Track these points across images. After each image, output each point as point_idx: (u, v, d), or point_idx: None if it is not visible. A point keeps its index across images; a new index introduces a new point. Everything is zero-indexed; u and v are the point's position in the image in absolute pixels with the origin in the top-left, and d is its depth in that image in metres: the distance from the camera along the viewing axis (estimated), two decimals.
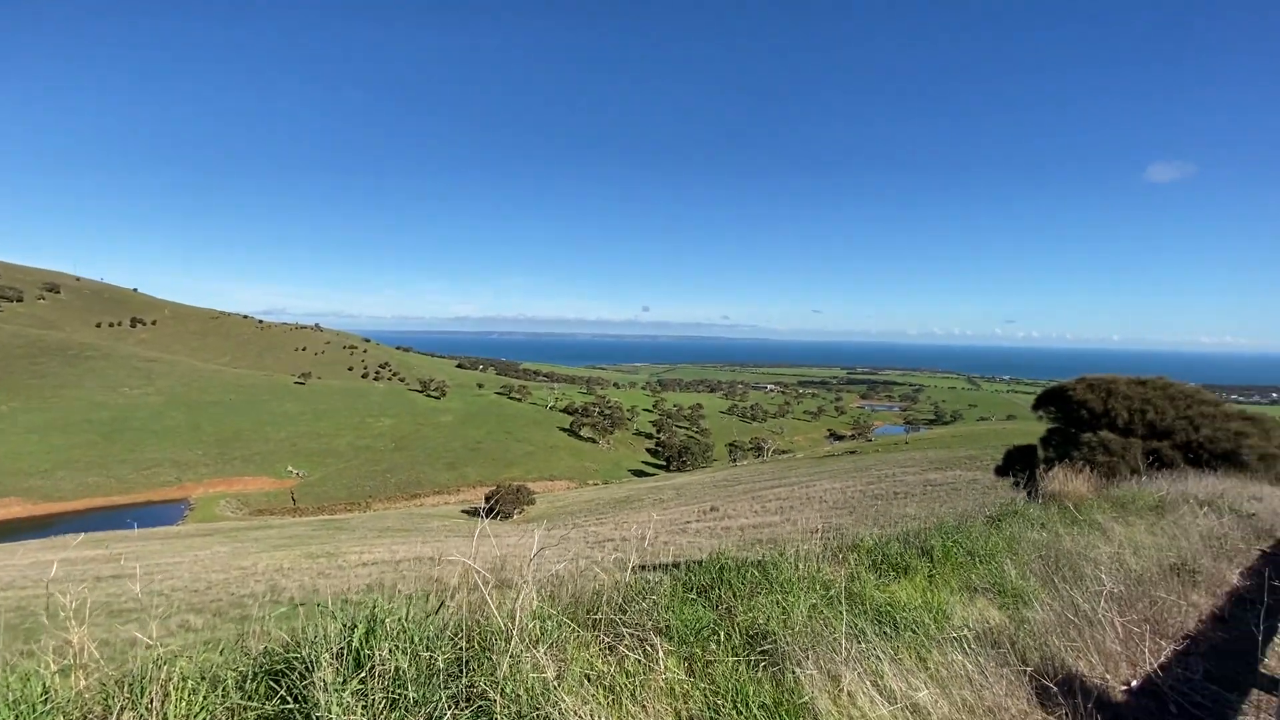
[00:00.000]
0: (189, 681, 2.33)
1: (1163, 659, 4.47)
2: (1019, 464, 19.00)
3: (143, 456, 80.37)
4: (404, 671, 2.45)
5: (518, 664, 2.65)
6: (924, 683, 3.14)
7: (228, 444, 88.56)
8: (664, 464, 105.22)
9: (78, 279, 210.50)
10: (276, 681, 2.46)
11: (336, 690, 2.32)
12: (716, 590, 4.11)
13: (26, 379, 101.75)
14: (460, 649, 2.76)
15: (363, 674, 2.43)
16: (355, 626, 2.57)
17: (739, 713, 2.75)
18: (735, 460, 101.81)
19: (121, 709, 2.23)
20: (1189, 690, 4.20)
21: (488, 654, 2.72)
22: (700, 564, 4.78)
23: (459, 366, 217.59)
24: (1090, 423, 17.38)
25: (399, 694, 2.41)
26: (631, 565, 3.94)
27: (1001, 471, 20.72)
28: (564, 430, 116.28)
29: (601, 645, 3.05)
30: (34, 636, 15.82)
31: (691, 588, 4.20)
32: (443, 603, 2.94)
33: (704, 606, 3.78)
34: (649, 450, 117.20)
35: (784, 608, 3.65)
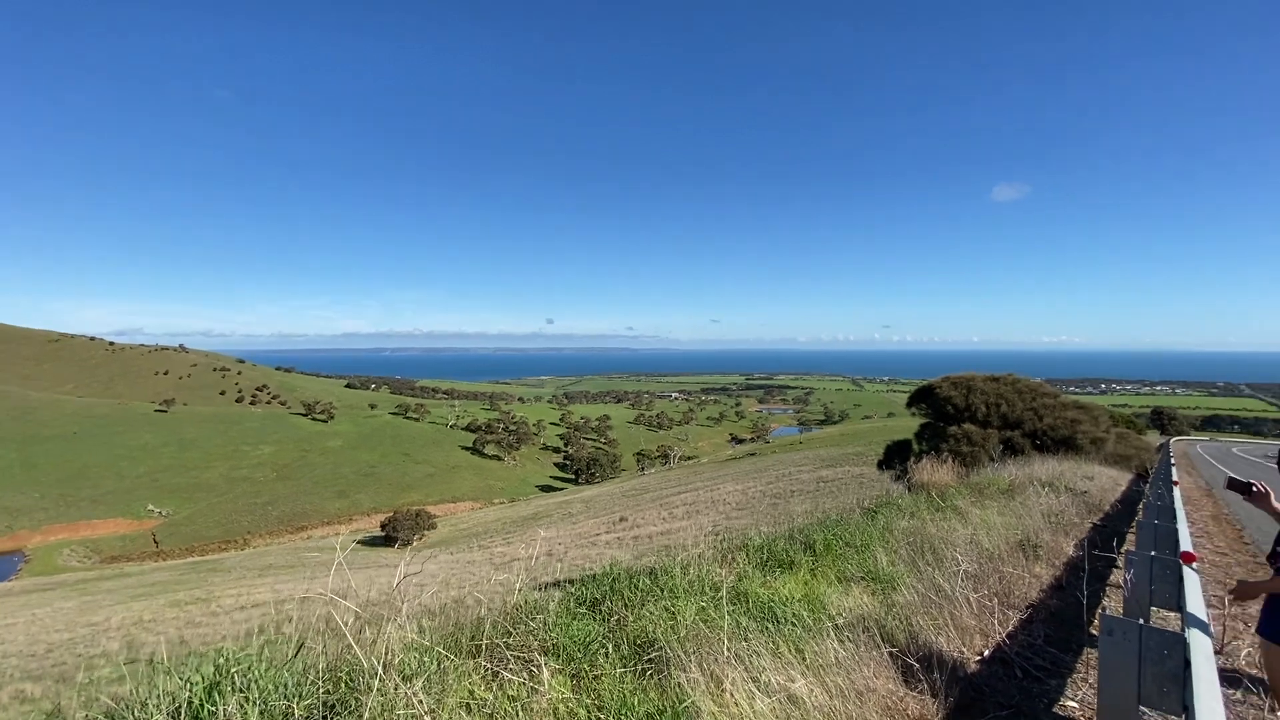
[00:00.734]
0: None
1: (1010, 628, 4.98)
2: (897, 457, 20.59)
3: None
4: None
5: (390, 703, 2.50)
6: (801, 673, 3.29)
7: (72, 483, 77.72)
8: (573, 477, 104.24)
9: None
10: None
11: None
12: (608, 602, 4.11)
13: None
14: (325, 694, 2.56)
15: None
16: (196, 680, 2.32)
17: None
18: (644, 469, 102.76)
19: None
20: (1032, 654, 4.69)
21: (356, 695, 2.54)
22: (594, 578, 4.76)
23: (348, 386, 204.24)
24: (955, 417, 19.17)
25: None
26: (519, 585, 3.85)
27: (882, 465, 22.36)
28: (466, 449, 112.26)
29: (484, 672, 2.95)
30: None
31: (583, 602, 4.17)
32: (302, 644, 2.71)
33: (594, 620, 3.76)
34: (557, 464, 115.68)
35: (672, 613, 3.71)
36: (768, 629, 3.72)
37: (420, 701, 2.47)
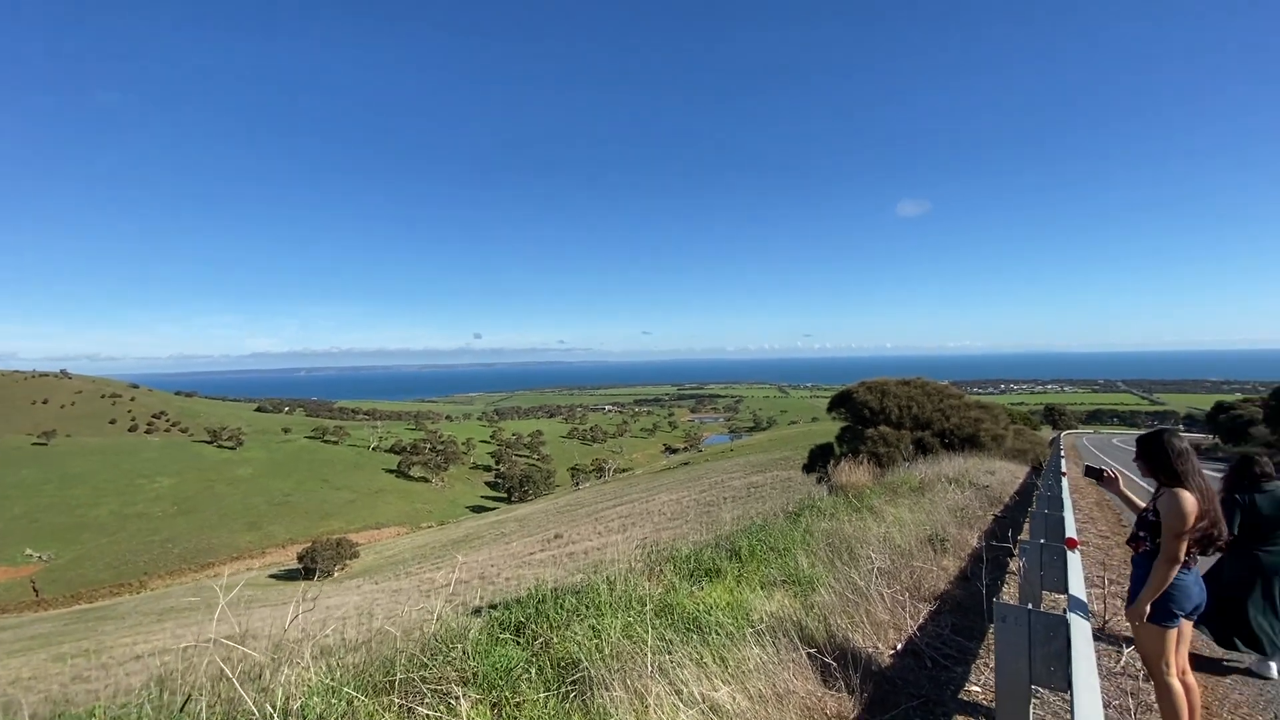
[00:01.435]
0: None
1: (921, 620, 5.26)
2: (820, 461, 21.41)
3: None
4: None
5: None
6: (724, 681, 3.35)
7: None
8: (505, 496, 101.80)
9: None
10: None
11: None
12: (533, 625, 4.03)
13: None
14: None
15: None
16: None
17: None
18: (578, 484, 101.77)
19: None
20: (941, 644, 4.97)
21: None
22: (519, 600, 4.67)
23: (259, 410, 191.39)
24: (872, 420, 20.15)
25: None
26: (438, 614, 3.72)
27: (808, 469, 23.17)
28: (391, 472, 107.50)
29: (397, 710, 2.82)
30: None
31: (507, 626, 4.07)
32: (190, 696, 2.51)
33: (517, 645, 3.68)
34: (488, 483, 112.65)
35: (597, 632, 3.68)
36: (692, 640, 3.76)
37: None
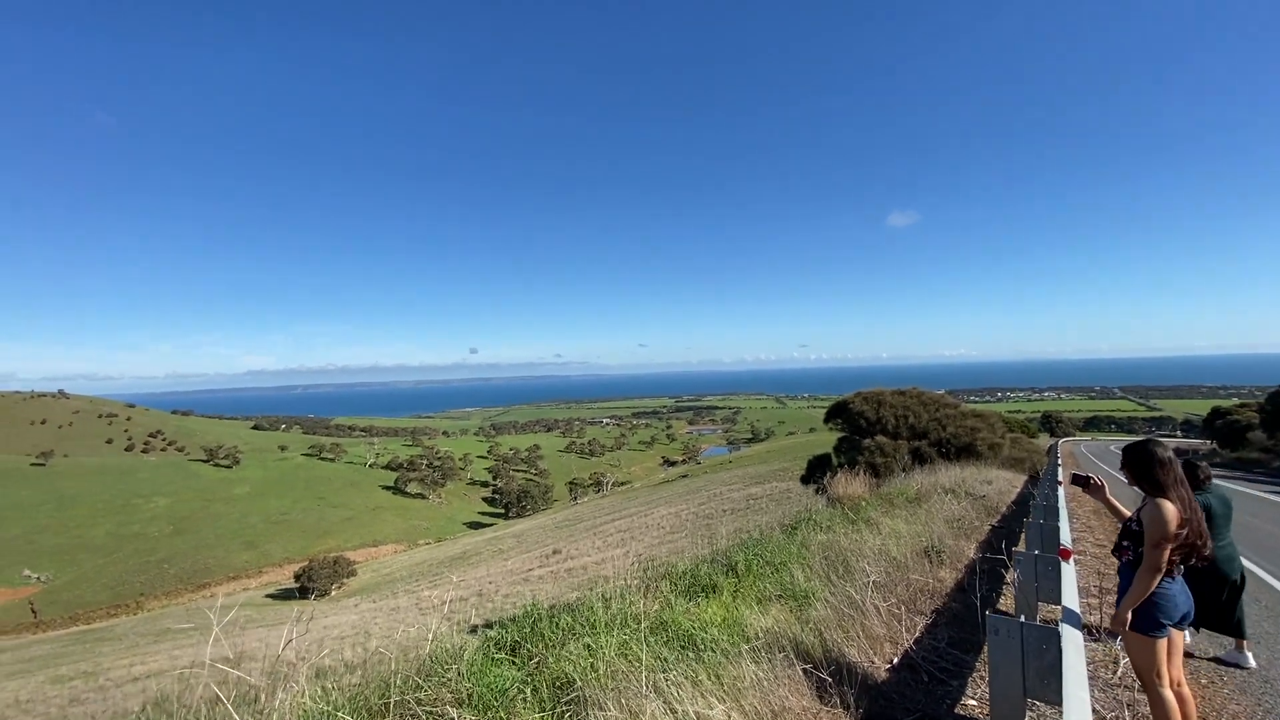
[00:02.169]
0: None
1: (917, 633, 5.26)
2: (818, 472, 21.39)
3: None
4: None
5: None
6: (719, 699, 3.36)
7: None
8: (503, 511, 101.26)
9: None
10: None
11: None
12: (528, 644, 4.04)
13: None
14: None
15: None
16: None
17: None
18: (576, 498, 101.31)
19: None
20: (937, 658, 4.97)
21: None
22: (515, 619, 4.67)
23: (255, 428, 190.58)
24: (868, 430, 20.18)
25: None
26: (433, 634, 3.73)
27: (805, 480, 23.14)
28: (388, 488, 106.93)
29: None
30: None
31: (503, 646, 4.08)
32: None
33: (513, 665, 3.69)
34: (486, 499, 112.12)
35: (591, 651, 3.69)
36: (688, 657, 3.77)
37: None
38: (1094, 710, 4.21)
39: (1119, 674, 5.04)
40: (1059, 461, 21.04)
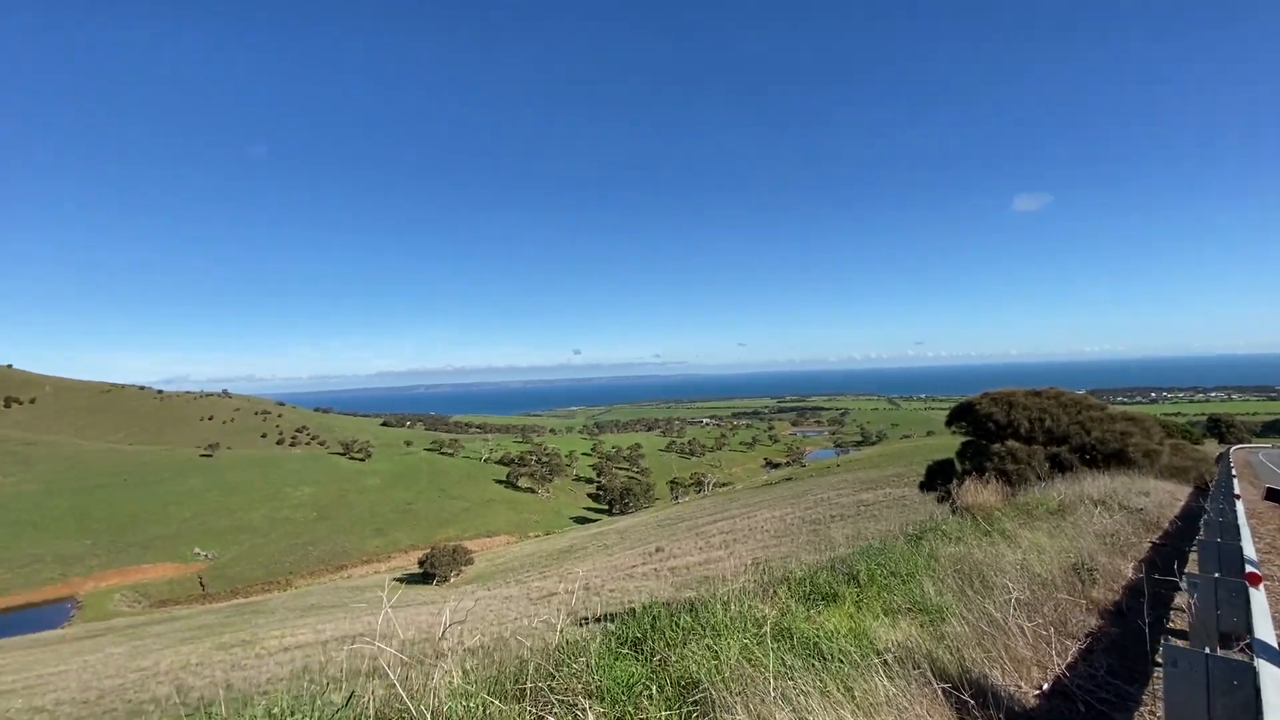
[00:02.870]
0: None
1: (1069, 659, 4.77)
2: (939, 478, 20.03)
3: (19, 553, 71.36)
4: None
5: None
6: (851, 713, 3.21)
7: (122, 530, 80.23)
8: (606, 508, 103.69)
9: None
10: None
11: None
12: (650, 641, 4.07)
13: None
14: None
15: None
16: None
17: None
18: (677, 497, 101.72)
19: None
20: (1095, 687, 4.48)
21: None
22: (633, 615, 4.73)
23: (384, 425, 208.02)
24: (997, 434, 18.62)
25: None
26: (560, 625, 3.85)
27: (925, 487, 21.74)
28: (500, 483, 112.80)
29: (529, 718, 2.95)
30: None
31: (625, 641, 4.14)
32: (353, 693, 2.77)
33: (636, 660, 3.73)
34: (590, 495, 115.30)
35: (715, 652, 3.66)
36: (814, 666, 3.64)
37: None
38: None
39: None
40: (1233, 472, 18.33)
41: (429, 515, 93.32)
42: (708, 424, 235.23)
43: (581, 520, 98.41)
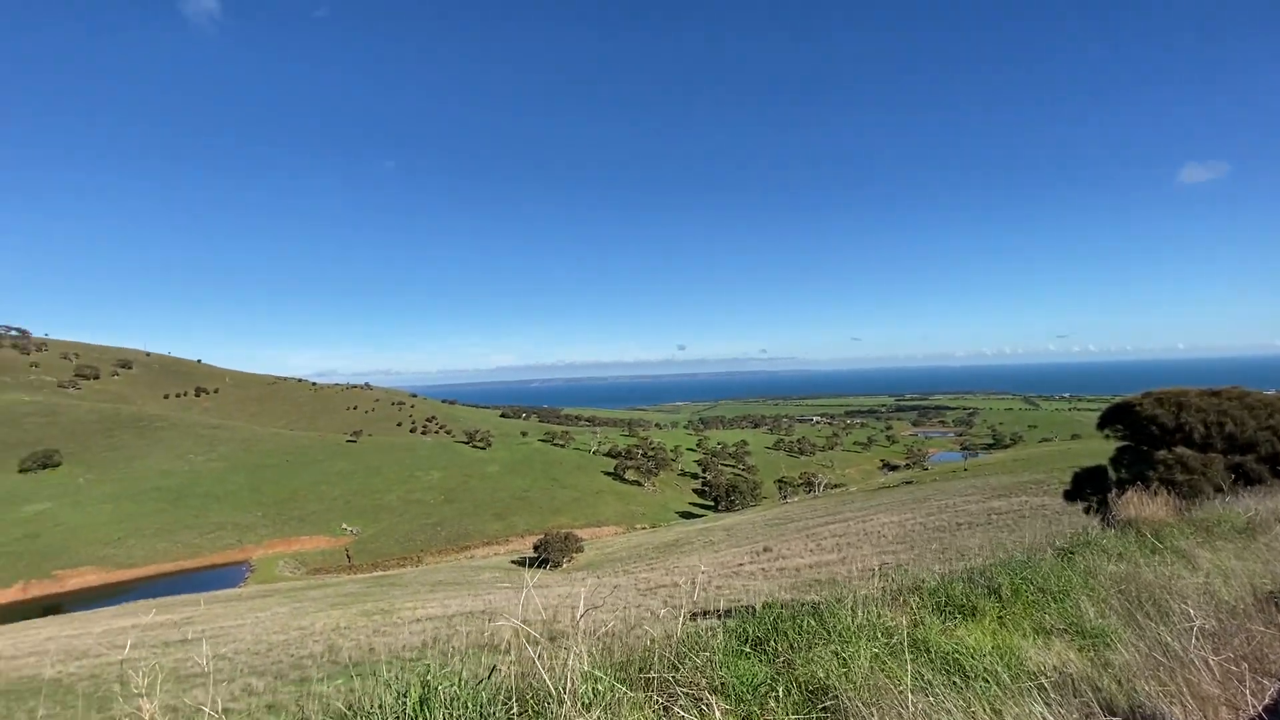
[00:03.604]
0: None
1: (1267, 700, 4.08)
2: (1089, 487, 17.96)
3: (206, 521, 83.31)
4: None
5: None
6: None
7: (285, 505, 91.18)
8: (712, 504, 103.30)
9: (147, 354, 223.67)
10: None
11: None
12: (772, 641, 3.97)
13: (102, 451, 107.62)
14: (513, 714, 2.73)
15: None
16: (409, 694, 2.58)
17: None
18: (786, 497, 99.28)
19: None
20: None
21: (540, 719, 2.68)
22: (753, 613, 4.64)
23: (502, 416, 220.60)
24: (1162, 439, 16.38)
25: None
26: (683, 618, 3.85)
27: (1071, 496, 19.60)
28: (608, 474, 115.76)
29: (655, 707, 2.98)
30: (107, 705, 16.31)
31: (745, 639, 4.07)
32: (494, 667, 2.93)
33: (759, 660, 3.66)
34: (695, 491, 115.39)
35: (843, 659, 3.50)
36: (955, 685, 3.38)
37: None
38: None
39: None
40: None
41: (542, 503, 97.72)
42: (818, 422, 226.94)
43: (686, 515, 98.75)
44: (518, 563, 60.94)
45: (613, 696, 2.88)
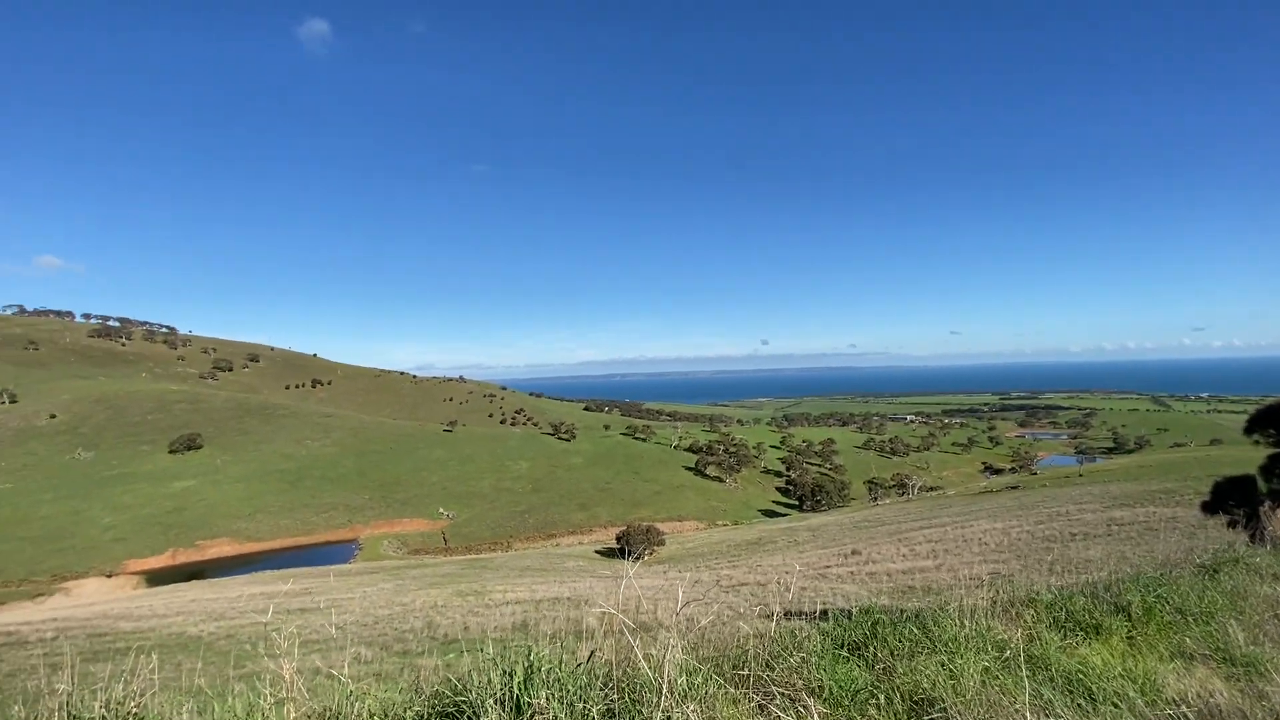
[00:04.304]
0: (375, 719, 2.57)
1: None
2: (1233, 499, 16.01)
3: (321, 501, 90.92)
4: None
5: None
6: None
7: (389, 488, 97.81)
8: (796, 503, 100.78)
9: (272, 349, 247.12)
10: None
11: None
12: (871, 647, 3.83)
13: (235, 435, 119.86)
14: (610, 700, 2.79)
15: None
16: (514, 673, 2.70)
17: None
18: (876, 499, 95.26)
19: None
20: None
21: (638, 707, 2.72)
22: (850, 617, 4.49)
23: (586, 409, 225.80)
24: None
25: None
26: (776, 617, 3.79)
27: (1210, 508, 17.54)
28: (689, 469, 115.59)
29: (751, 705, 2.95)
30: (241, 663, 18.16)
31: (842, 643, 3.94)
32: (592, 653, 3.00)
33: (858, 665, 3.53)
34: (779, 489, 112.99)
35: (951, 671, 3.31)
36: (1080, 706, 3.12)
37: None
38: None
39: None
40: None
41: (624, 495, 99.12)
42: (912, 421, 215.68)
43: (769, 513, 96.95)
44: (600, 553, 62.18)
45: (708, 690, 2.87)
